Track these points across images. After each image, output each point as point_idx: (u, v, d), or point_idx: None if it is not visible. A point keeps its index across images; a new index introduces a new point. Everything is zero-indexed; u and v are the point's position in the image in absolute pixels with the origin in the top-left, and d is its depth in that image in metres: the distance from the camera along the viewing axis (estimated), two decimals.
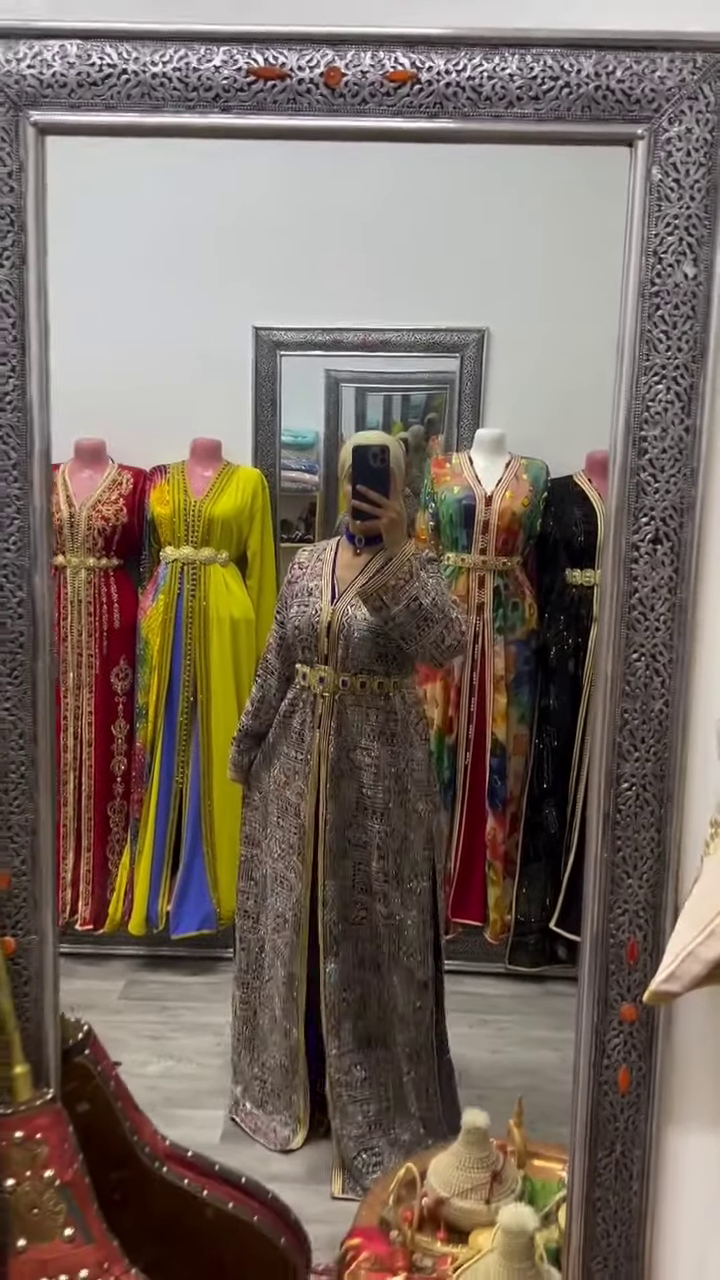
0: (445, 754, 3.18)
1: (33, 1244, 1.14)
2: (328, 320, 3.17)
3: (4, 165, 1.10)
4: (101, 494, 3.13)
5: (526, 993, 3.17)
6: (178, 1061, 2.71)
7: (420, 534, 3.18)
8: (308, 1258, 1.43)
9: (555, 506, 3.10)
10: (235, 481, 3.17)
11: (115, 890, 3.15)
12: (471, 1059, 2.74)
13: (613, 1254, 1.24)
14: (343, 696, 2.30)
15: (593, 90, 1.07)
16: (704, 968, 1.07)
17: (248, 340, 3.19)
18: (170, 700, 3.15)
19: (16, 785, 1.19)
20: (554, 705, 3.13)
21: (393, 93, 1.07)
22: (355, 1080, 2.33)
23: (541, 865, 3.19)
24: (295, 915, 2.38)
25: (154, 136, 1.10)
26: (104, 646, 3.16)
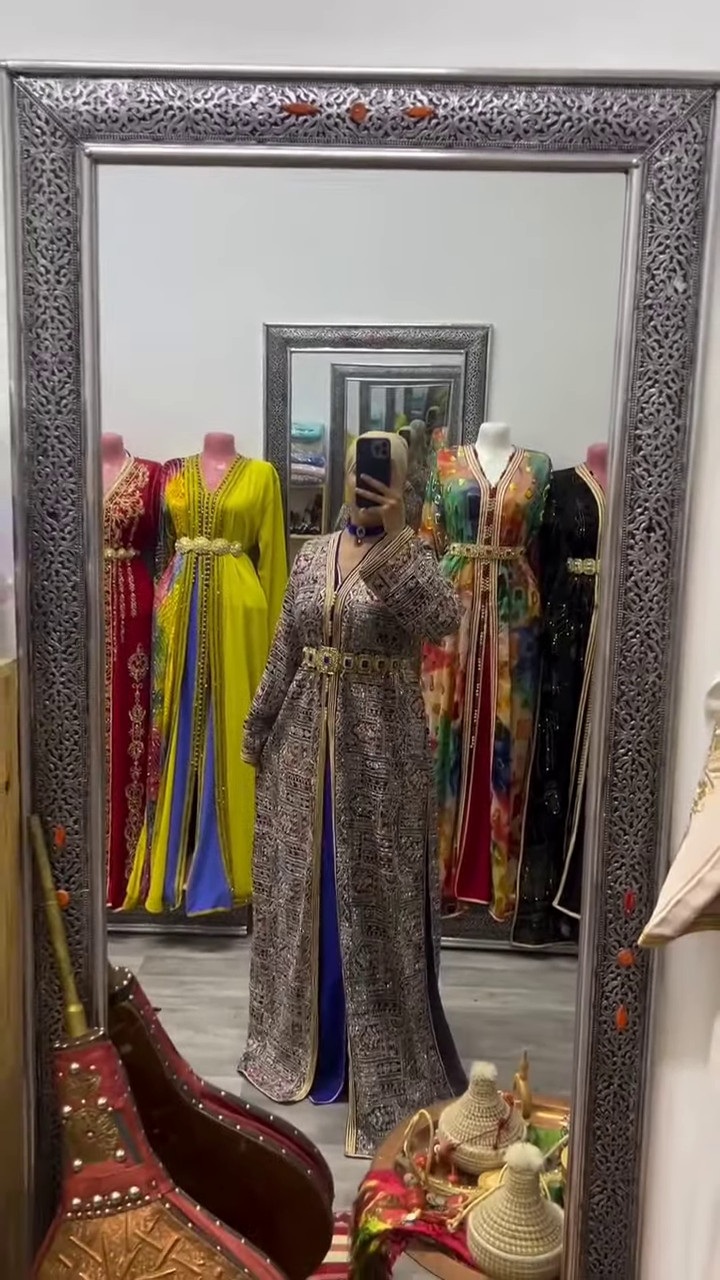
0: (451, 738, 3.29)
1: (88, 1164, 1.27)
2: (337, 318, 3.27)
3: (62, 192, 1.21)
4: (119, 487, 3.24)
5: (531, 968, 3.28)
6: (196, 1032, 2.82)
7: (426, 525, 3.29)
8: (330, 1188, 1.55)
9: (558, 498, 3.21)
10: (248, 474, 3.27)
11: (133, 869, 3.26)
12: (478, 1030, 2.86)
13: (611, 1178, 1.36)
14: (347, 675, 2.45)
15: (592, 124, 1.18)
16: (692, 913, 1.19)
17: (259, 337, 3.29)
18: (185, 687, 3.25)
19: (71, 752, 1.31)
20: (556, 690, 3.24)
21: (412, 126, 1.19)
22: (370, 1041, 2.47)
23: (544, 845, 3.30)
24: (308, 883, 2.52)
25: (196, 165, 1.22)
26: (121, 635, 3.27)
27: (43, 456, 1.27)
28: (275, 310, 3.27)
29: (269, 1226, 1.45)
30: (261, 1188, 1.47)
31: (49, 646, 1.31)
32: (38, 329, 1.24)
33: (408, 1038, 2.52)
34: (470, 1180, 1.77)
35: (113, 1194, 1.26)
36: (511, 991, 3.15)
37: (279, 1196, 1.47)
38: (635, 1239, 1.37)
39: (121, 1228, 1.26)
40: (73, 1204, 1.27)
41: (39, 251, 1.23)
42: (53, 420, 1.26)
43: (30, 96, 1.20)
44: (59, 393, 1.25)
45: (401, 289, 3.20)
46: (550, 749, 3.27)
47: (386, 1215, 1.67)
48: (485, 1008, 3.05)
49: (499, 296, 3.19)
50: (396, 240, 3.13)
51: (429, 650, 3.15)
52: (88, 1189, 1.26)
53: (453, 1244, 1.64)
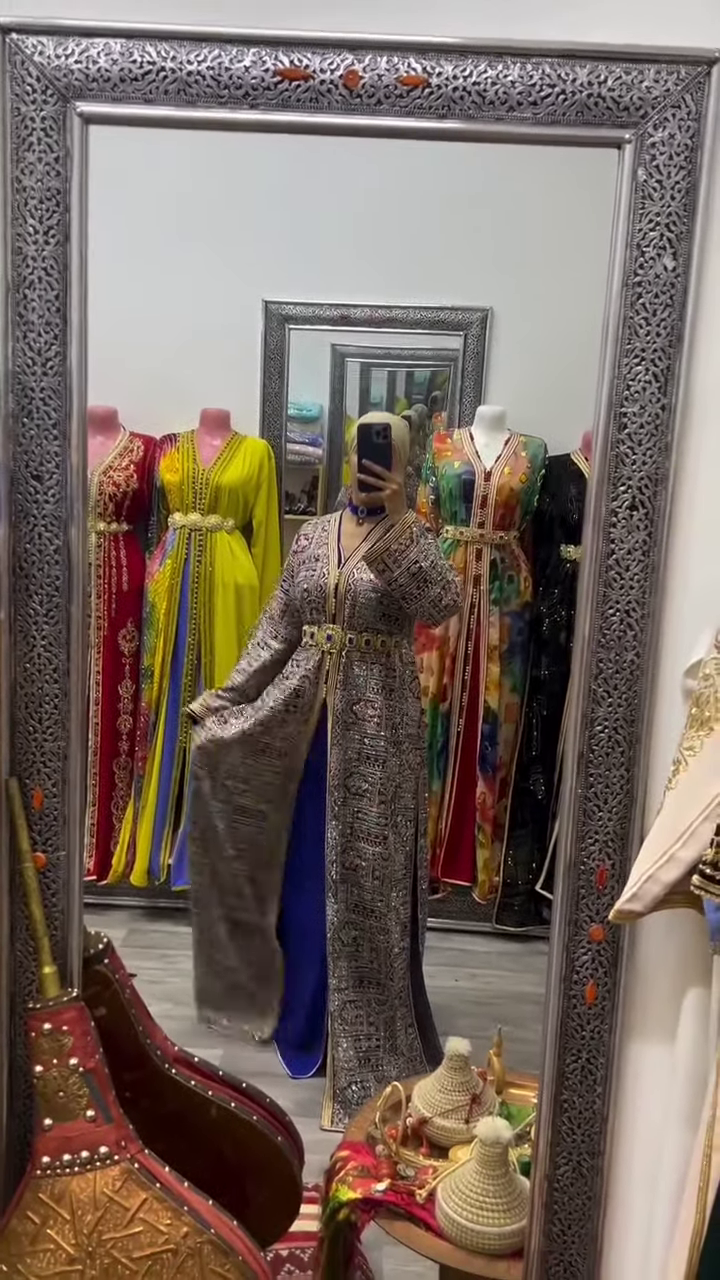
0: (439, 720, 3.31)
1: (58, 1123, 1.28)
2: (336, 296, 3.26)
3: (52, 151, 1.21)
4: (113, 460, 3.24)
5: (512, 950, 3.30)
6: (176, 1005, 2.83)
7: (421, 508, 3.29)
8: (301, 1156, 1.56)
9: (552, 483, 3.21)
10: (243, 451, 3.27)
11: (119, 843, 3.28)
12: (457, 1010, 2.88)
13: (576, 1150, 1.38)
14: (349, 653, 2.46)
15: (586, 97, 1.18)
16: (663, 889, 1.20)
17: (257, 313, 3.28)
18: (175, 662, 3.26)
19: (50, 715, 1.32)
20: (545, 675, 3.25)
21: (405, 95, 1.18)
22: (350, 1016, 2.49)
23: (528, 830, 3.32)
24: (269, 850, 2.61)
25: (188, 129, 1.21)
26: (112, 609, 3.27)
27: (28, 419, 1.27)
28: (274, 286, 3.26)
29: (238, 1192, 1.46)
30: (232, 1153, 1.48)
31: (30, 610, 1.31)
32: (25, 289, 1.24)
33: (390, 1015, 2.54)
34: (441, 1153, 1.79)
35: (82, 1153, 1.28)
36: (492, 973, 3.17)
37: (249, 1162, 1.49)
38: (599, 1210, 1.38)
39: (90, 1186, 1.27)
40: (42, 1162, 1.28)
41: (28, 211, 1.22)
42: (38, 382, 1.26)
43: (22, 53, 1.19)
44: (45, 354, 1.25)
45: (401, 268, 3.19)
46: (537, 734, 3.28)
47: (357, 1185, 1.69)
48: (465, 988, 3.07)
49: (499, 279, 3.18)
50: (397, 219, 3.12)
51: (419, 632, 3.15)
52: (57, 1148, 1.28)
53: (421, 1214, 1.65)
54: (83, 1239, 1.26)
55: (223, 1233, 1.29)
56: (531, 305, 3.17)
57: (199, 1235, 1.27)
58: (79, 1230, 1.26)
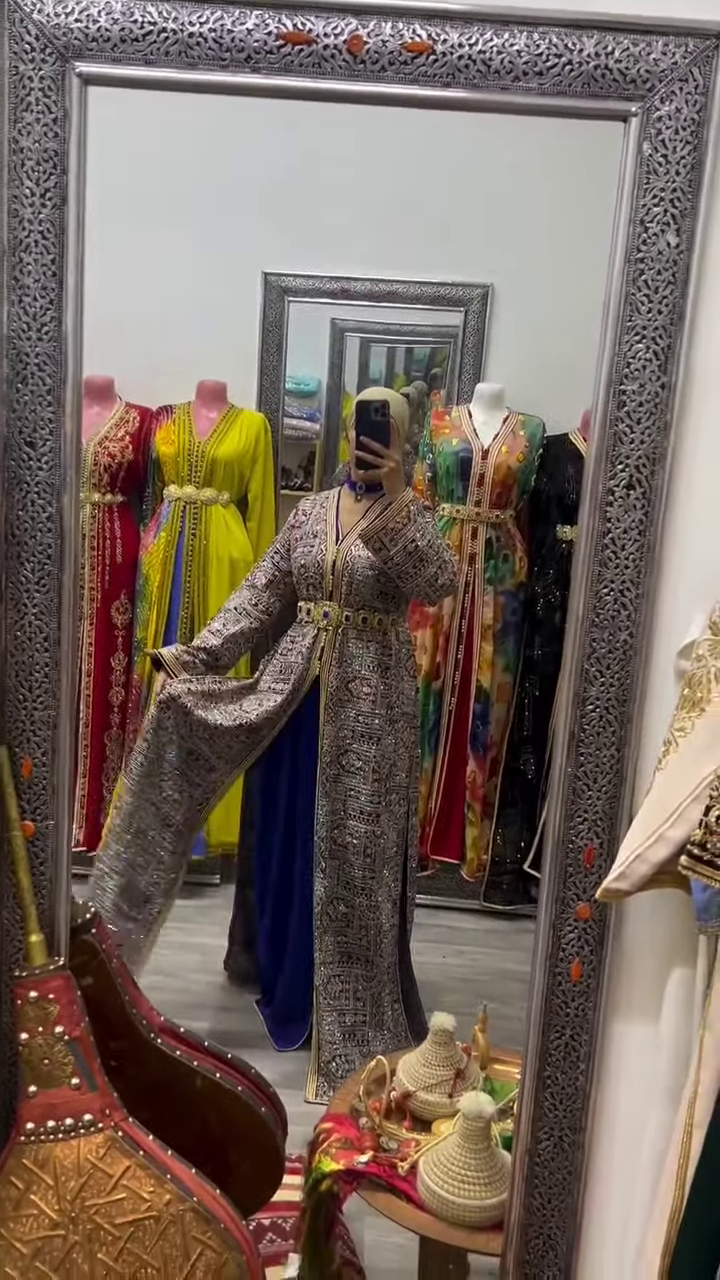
0: (431, 698, 3.31)
1: (43, 1090, 1.28)
2: (336, 269, 3.23)
3: (50, 112, 1.19)
4: (109, 431, 3.22)
5: (499, 928, 3.32)
6: (166, 977, 2.85)
7: (417, 484, 3.28)
8: (284, 1127, 1.57)
9: (550, 463, 3.20)
10: (239, 424, 3.25)
11: (109, 815, 3.28)
12: (444, 986, 2.90)
13: (558, 1125, 1.39)
14: (345, 630, 2.46)
15: (592, 68, 1.16)
16: (650, 869, 1.21)
17: (256, 285, 3.26)
18: (168, 635, 3.25)
19: (40, 684, 1.31)
20: (538, 656, 3.25)
21: (410, 62, 1.16)
22: (335, 991, 2.50)
23: (518, 809, 3.33)
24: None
25: (188, 92, 1.19)
26: (105, 581, 3.26)
27: (22, 384, 1.25)
28: (274, 258, 3.23)
29: (221, 1161, 1.47)
30: (216, 1123, 1.49)
31: (22, 577, 1.30)
32: (21, 253, 1.22)
33: (376, 991, 2.55)
34: (424, 1127, 1.80)
35: (66, 1120, 1.28)
36: (479, 950, 3.19)
37: (233, 1132, 1.50)
38: (579, 1184, 1.40)
39: (74, 1153, 1.28)
40: (26, 1128, 1.29)
41: (25, 173, 1.20)
42: (33, 347, 1.24)
43: (21, 11, 1.17)
44: (40, 319, 1.24)
45: (402, 242, 3.16)
46: (529, 714, 3.28)
47: (340, 1156, 1.70)
48: (452, 965, 3.08)
49: (501, 256, 3.16)
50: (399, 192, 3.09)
51: (414, 610, 3.15)
52: (42, 1114, 1.28)
53: (403, 1186, 1.67)
54: (66, 1205, 1.26)
55: (205, 1201, 1.30)
56: (533, 283, 3.14)
57: (182, 1203, 1.28)
58: (62, 1196, 1.27)
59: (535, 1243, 1.42)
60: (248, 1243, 1.31)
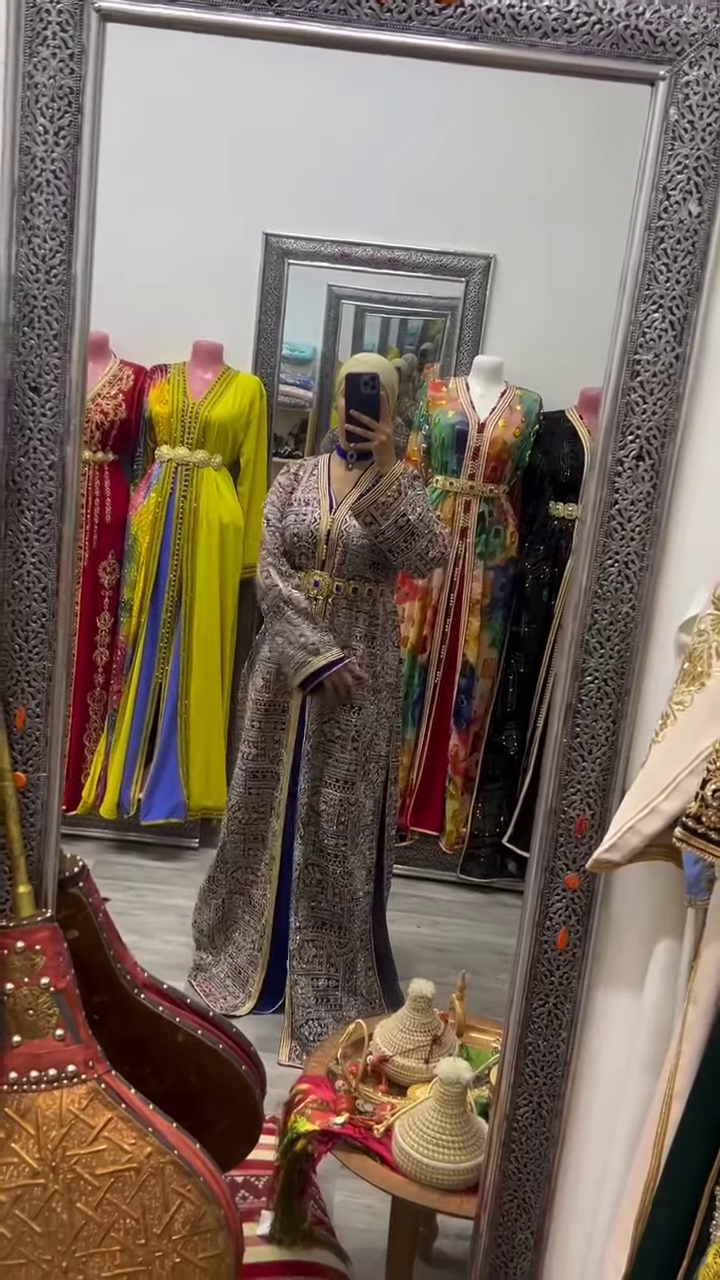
0: (417, 671, 3.31)
1: (27, 1040, 1.28)
2: (338, 233, 3.20)
3: (66, 48, 1.16)
4: (102, 388, 3.18)
5: (476, 900, 3.35)
6: (142, 937, 2.86)
7: (411, 455, 3.27)
8: (263, 1086, 1.58)
9: (545, 440, 3.19)
10: (234, 387, 3.22)
11: (90, 775, 3.27)
12: (420, 956, 2.93)
13: (538, 1091, 1.40)
14: (335, 600, 2.45)
15: (622, 29, 1.14)
16: (641, 840, 1.21)
17: (257, 246, 3.22)
18: (155, 597, 3.23)
19: (37, 635, 1.30)
20: (525, 632, 3.26)
21: (437, 13, 1.14)
22: (308, 955, 2.51)
23: (499, 784, 3.35)
24: (277, 804, 2.55)
25: (210, 33, 1.16)
26: (94, 540, 3.23)
27: (28, 328, 1.23)
28: (276, 219, 3.19)
29: (200, 1117, 1.47)
30: (196, 1079, 1.49)
31: (21, 526, 1.28)
32: (32, 192, 1.19)
33: (350, 958, 2.56)
34: (400, 1091, 1.82)
35: (49, 1070, 1.28)
36: (454, 921, 3.22)
37: (212, 1089, 1.50)
38: (556, 1150, 1.41)
39: (56, 1103, 1.28)
40: (9, 1078, 1.29)
41: (39, 109, 1.17)
42: (41, 290, 1.22)
43: None
44: (49, 261, 1.21)
45: (406, 209, 3.14)
46: (513, 690, 3.29)
47: (315, 1117, 1.72)
48: (428, 934, 3.11)
49: (505, 227, 3.13)
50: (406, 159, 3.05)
51: (403, 582, 3.14)
52: (25, 1064, 1.28)
53: (377, 1148, 1.68)
54: (46, 1154, 1.27)
55: (185, 1154, 1.31)
56: (536, 257, 3.12)
57: (162, 1155, 1.29)
58: (43, 1145, 1.27)
59: (510, 1206, 1.44)
60: (226, 1196, 1.32)
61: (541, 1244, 1.45)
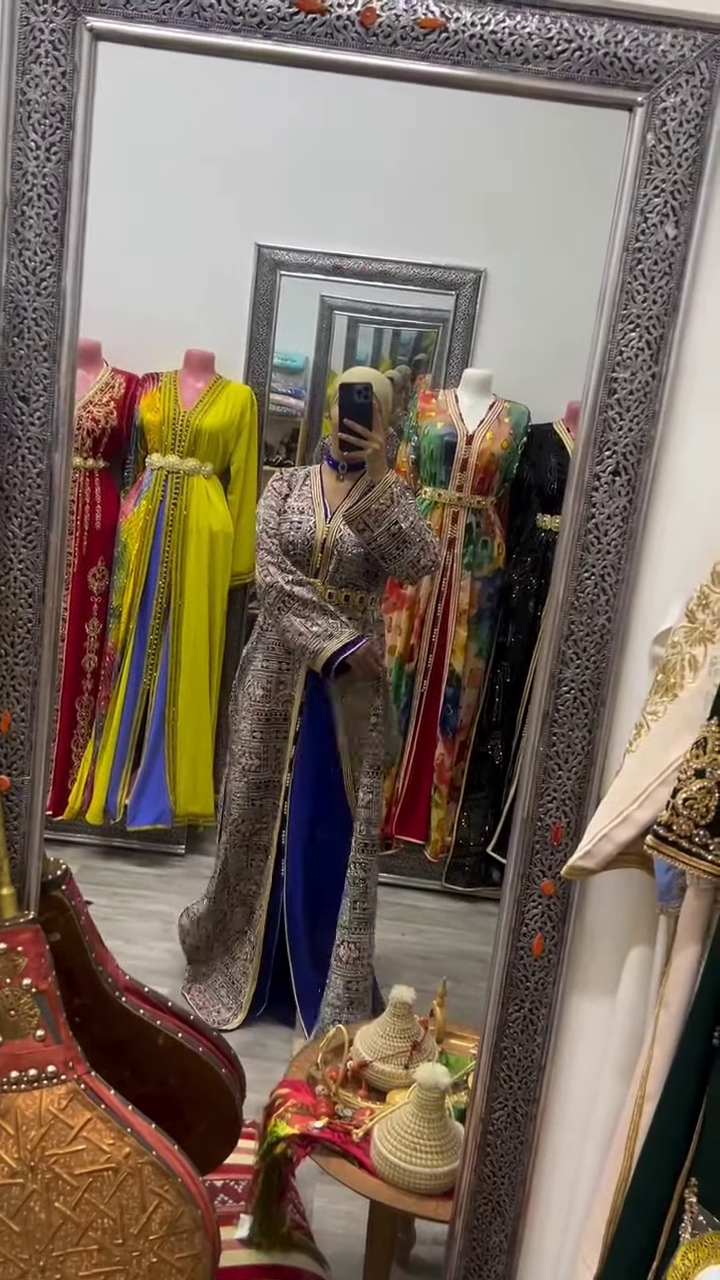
0: (404, 680, 3.33)
1: (8, 1041, 1.29)
2: (330, 245, 3.23)
3: (59, 65, 1.19)
4: (93, 395, 3.20)
5: (459, 909, 3.36)
6: (126, 943, 2.87)
7: (400, 465, 3.29)
8: (243, 1090, 1.59)
9: (533, 452, 3.22)
10: (225, 396, 3.24)
11: (76, 780, 3.28)
12: (403, 964, 2.94)
13: (513, 1096, 1.42)
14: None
15: (601, 56, 1.17)
16: (616, 848, 1.23)
17: (249, 257, 3.24)
18: (144, 605, 3.25)
19: (23, 639, 1.32)
20: (511, 642, 3.28)
21: (421, 38, 1.17)
22: (350, 958, 2.56)
23: (484, 793, 3.37)
24: (275, 815, 2.58)
25: (199, 54, 1.19)
26: (83, 546, 3.24)
27: (18, 338, 1.25)
28: (268, 230, 3.22)
29: (179, 1119, 1.49)
30: (176, 1082, 1.51)
31: (9, 533, 1.30)
32: (23, 206, 1.22)
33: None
34: (379, 1096, 1.83)
35: (30, 1071, 1.29)
36: (438, 929, 3.23)
37: (192, 1092, 1.52)
38: (530, 1154, 1.43)
39: (36, 1104, 1.29)
40: None
41: (31, 125, 1.20)
42: (31, 302, 1.24)
43: None
44: (40, 274, 1.23)
45: (398, 222, 3.16)
46: (499, 699, 3.32)
47: (295, 1121, 1.73)
48: (411, 942, 3.12)
49: (495, 242, 3.17)
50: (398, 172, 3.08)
51: (390, 592, 3.16)
52: (5, 1064, 1.29)
53: (356, 1152, 1.70)
54: (25, 1154, 1.28)
55: (164, 1155, 1.32)
56: (526, 271, 3.16)
57: (140, 1156, 1.30)
58: (22, 1145, 1.28)
59: (484, 1209, 1.46)
60: (204, 1197, 1.33)
61: (516, 1247, 1.46)
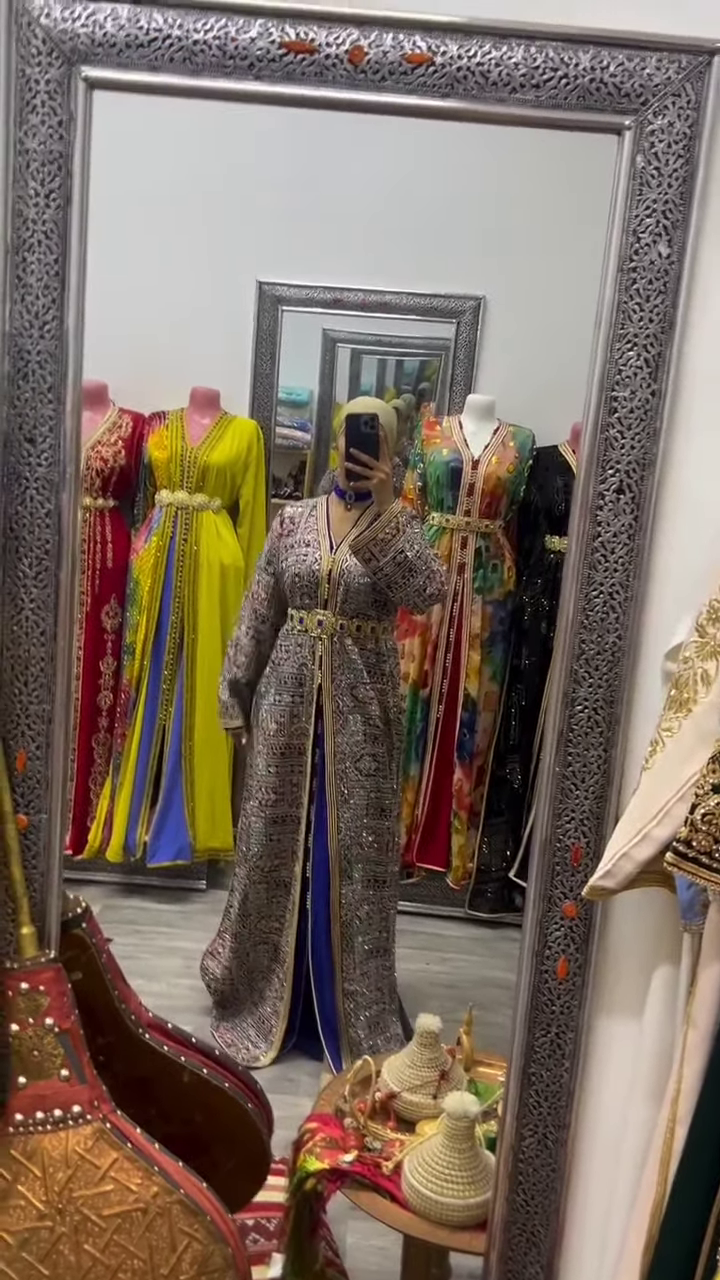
0: (419, 706, 3.32)
1: (32, 1081, 1.29)
2: (330, 279, 3.26)
3: (55, 115, 1.21)
4: (101, 435, 3.23)
5: (483, 936, 3.33)
6: (149, 980, 2.85)
7: (407, 493, 3.31)
8: (270, 1125, 1.58)
9: (539, 474, 3.23)
10: (232, 431, 3.27)
11: (95, 819, 3.28)
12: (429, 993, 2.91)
13: (542, 1122, 1.40)
14: (341, 639, 2.49)
15: (588, 82, 1.19)
16: (635, 867, 1.23)
17: (251, 294, 3.28)
18: (158, 640, 3.26)
19: (36, 679, 1.33)
20: (525, 665, 3.27)
21: (410, 72, 1.19)
22: (364, 988, 2.56)
23: (504, 818, 3.35)
24: (298, 849, 2.57)
25: (192, 98, 1.21)
26: (96, 585, 3.27)
27: (23, 381, 1.27)
28: (269, 267, 3.26)
29: (207, 1157, 1.47)
30: (202, 1119, 1.50)
31: (19, 572, 1.31)
32: (24, 252, 1.24)
33: (393, 977, 2.63)
34: (408, 1128, 1.81)
35: (55, 1111, 1.29)
36: (463, 957, 3.20)
37: (219, 1129, 1.50)
38: (563, 1182, 1.41)
39: (62, 1144, 1.28)
40: (15, 1119, 1.29)
41: (30, 174, 1.22)
42: (35, 345, 1.26)
43: (29, 15, 1.19)
44: (43, 318, 1.25)
45: (396, 253, 3.20)
46: (515, 723, 3.31)
47: (324, 1155, 1.71)
48: (436, 971, 3.10)
49: (493, 268, 3.19)
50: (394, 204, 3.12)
51: (403, 619, 3.17)
52: (30, 1105, 1.29)
53: (387, 1185, 1.68)
54: (53, 1196, 1.27)
55: (192, 1194, 1.31)
56: (524, 296, 3.18)
57: (168, 1195, 1.29)
58: (50, 1188, 1.27)
59: (518, 1240, 1.43)
60: (233, 1236, 1.32)
61: (552, 1278, 1.44)
